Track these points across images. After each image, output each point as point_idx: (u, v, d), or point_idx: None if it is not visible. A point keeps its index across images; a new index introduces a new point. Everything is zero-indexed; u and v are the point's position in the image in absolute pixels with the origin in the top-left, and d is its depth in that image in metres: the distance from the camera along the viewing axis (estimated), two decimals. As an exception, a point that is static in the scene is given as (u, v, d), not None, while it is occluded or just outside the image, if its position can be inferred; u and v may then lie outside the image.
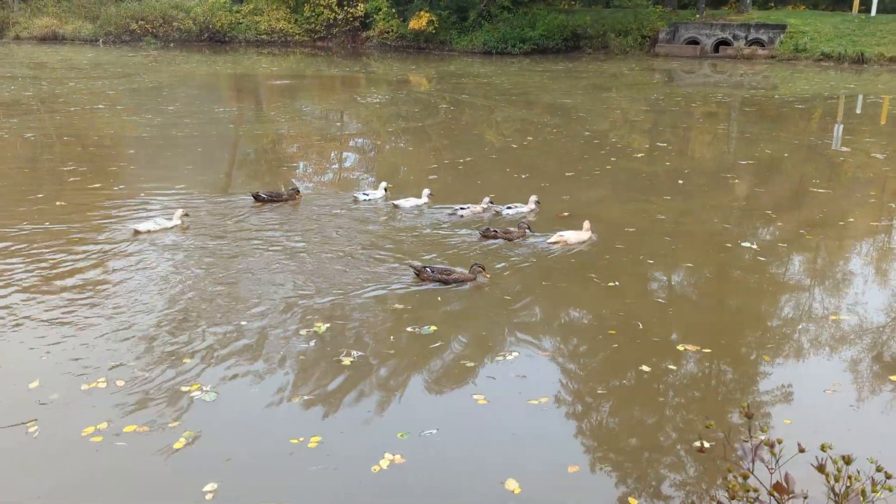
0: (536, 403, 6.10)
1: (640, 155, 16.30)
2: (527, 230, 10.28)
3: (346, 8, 47.83)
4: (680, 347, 7.08)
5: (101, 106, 22.46)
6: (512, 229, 10.30)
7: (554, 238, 10.33)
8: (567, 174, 14.23)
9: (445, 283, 8.44)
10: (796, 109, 23.04)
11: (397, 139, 18.65)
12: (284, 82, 30.12)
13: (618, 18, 42.80)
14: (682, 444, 5.62)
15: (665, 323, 7.68)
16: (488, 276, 8.57)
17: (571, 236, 10.35)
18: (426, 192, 12.11)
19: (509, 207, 11.66)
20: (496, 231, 10.21)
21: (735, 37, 39.22)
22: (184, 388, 6.22)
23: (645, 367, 6.70)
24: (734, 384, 6.56)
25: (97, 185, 13.04)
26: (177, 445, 5.45)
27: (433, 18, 43.49)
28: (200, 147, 16.83)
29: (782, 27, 38.49)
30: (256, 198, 11.93)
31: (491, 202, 12.20)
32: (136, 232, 10.29)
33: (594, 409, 6.17)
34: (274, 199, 11.95)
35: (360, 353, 6.86)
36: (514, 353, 6.95)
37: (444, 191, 12.81)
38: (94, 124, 19.30)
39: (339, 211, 11.67)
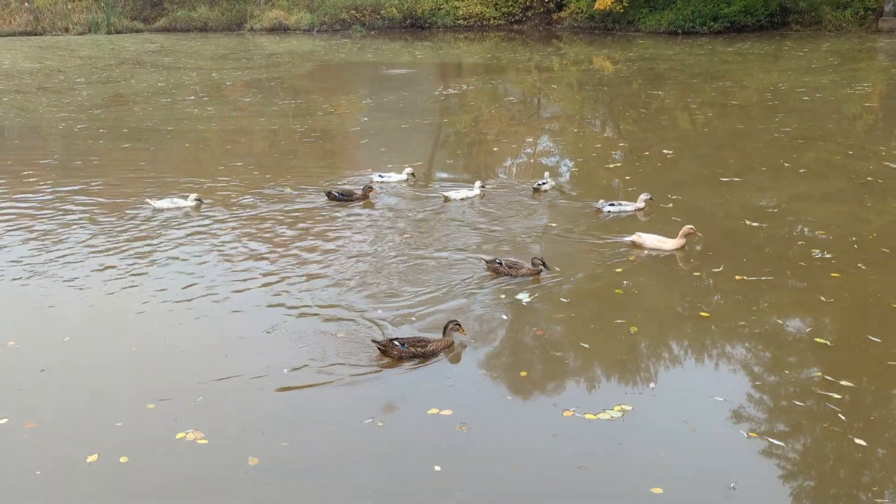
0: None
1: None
2: (541, 266, 8.88)
3: (542, -11, 48.35)
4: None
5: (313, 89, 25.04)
6: (522, 263, 8.95)
7: (631, 237, 9.85)
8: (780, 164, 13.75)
9: (423, 357, 7.18)
10: None
11: (582, 126, 19.17)
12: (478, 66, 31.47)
13: (836, -13, 39.24)
14: None
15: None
16: (465, 333, 7.46)
17: (650, 240, 9.66)
18: (478, 183, 12.31)
19: (612, 204, 11.18)
20: (499, 263, 8.91)
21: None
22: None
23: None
24: None
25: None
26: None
27: (620, -5, 42.34)
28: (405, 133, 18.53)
29: None
30: (329, 196, 12.14)
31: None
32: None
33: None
34: (346, 197, 12.09)
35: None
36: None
37: (636, 181, 13.30)
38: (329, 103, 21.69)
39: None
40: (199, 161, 16.17)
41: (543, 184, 12.61)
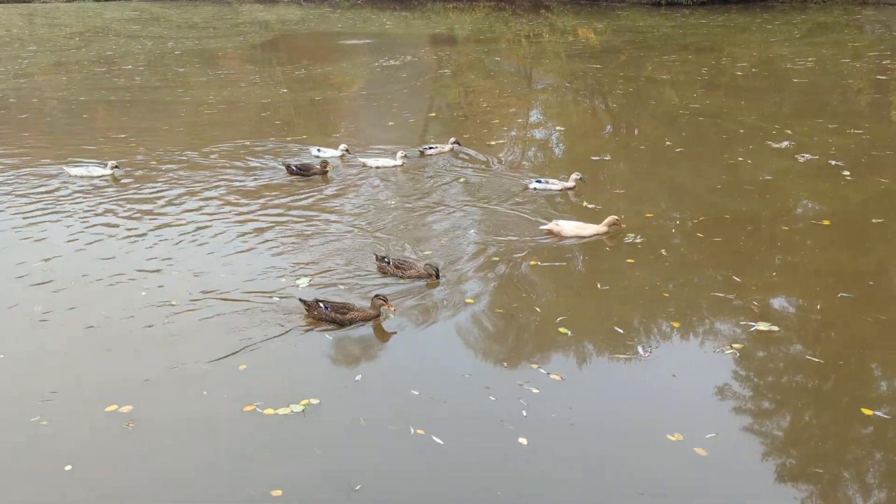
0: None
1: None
2: (434, 273, 8.01)
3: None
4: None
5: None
6: (413, 264, 8.13)
7: (548, 225, 9.30)
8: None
9: (340, 323, 7.13)
10: None
11: (569, 103, 18.44)
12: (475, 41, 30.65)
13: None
14: None
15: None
16: (393, 309, 7.29)
17: (569, 227, 9.12)
18: (400, 153, 12.39)
19: (539, 181, 10.92)
20: (387, 262, 8.20)
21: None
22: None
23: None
24: None
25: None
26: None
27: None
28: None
29: None
30: (288, 169, 12.08)
31: (457, 143, 13.01)
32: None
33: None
34: (304, 171, 11.99)
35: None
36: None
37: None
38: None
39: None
40: (93, 130, 15.82)
41: (430, 148, 13.02)
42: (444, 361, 6.63)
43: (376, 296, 7.25)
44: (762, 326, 6.97)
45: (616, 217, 9.10)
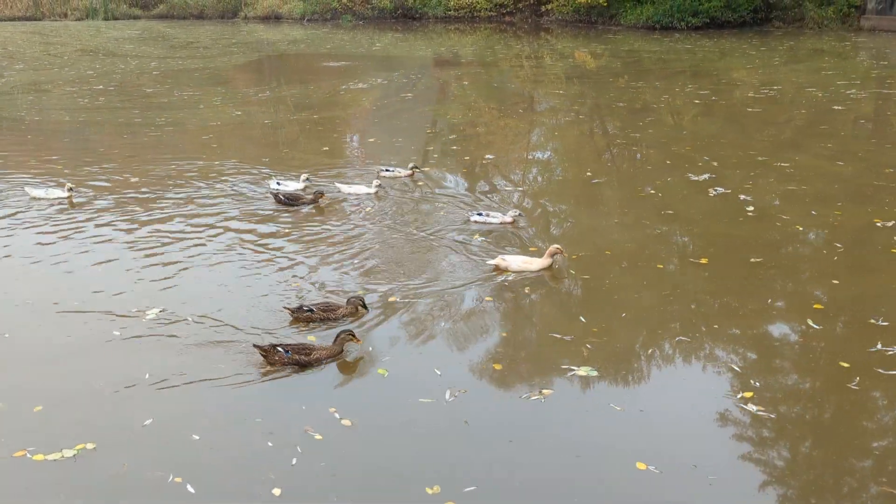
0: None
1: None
2: (360, 305, 7.76)
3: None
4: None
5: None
6: (337, 304, 7.81)
7: (494, 261, 8.96)
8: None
9: (305, 365, 6.87)
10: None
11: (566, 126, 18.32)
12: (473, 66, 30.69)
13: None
14: None
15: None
16: (360, 341, 7.11)
17: (516, 262, 8.79)
18: (375, 182, 12.07)
19: (479, 214, 10.50)
20: (310, 311, 7.66)
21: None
22: None
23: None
24: None
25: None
26: None
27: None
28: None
29: None
30: (276, 199, 11.40)
31: (416, 167, 13.03)
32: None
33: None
34: (292, 202, 11.26)
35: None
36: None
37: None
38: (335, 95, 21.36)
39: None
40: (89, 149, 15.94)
41: (387, 171, 13.03)
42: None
43: (342, 331, 7.00)
44: (582, 371, 6.72)
45: (558, 246, 8.77)
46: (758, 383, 6.55)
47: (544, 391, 6.47)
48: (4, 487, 5.44)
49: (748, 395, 6.36)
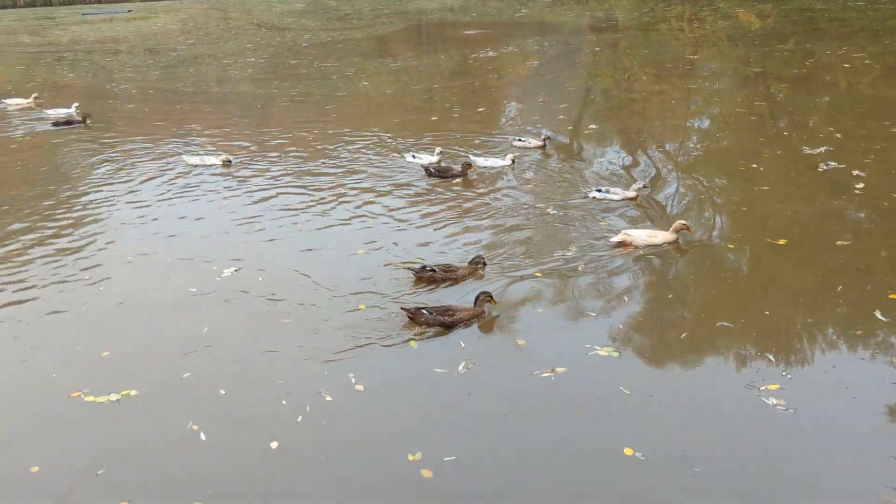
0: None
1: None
2: (481, 263, 8.03)
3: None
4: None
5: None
6: (457, 266, 8.14)
7: (617, 237, 8.71)
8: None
9: (449, 326, 7.08)
10: None
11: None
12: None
13: None
14: None
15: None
16: (497, 303, 7.28)
17: (640, 236, 8.61)
18: (509, 156, 12.03)
19: (599, 190, 10.21)
20: (432, 271, 7.99)
21: None
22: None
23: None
24: None
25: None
26: None
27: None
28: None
29: None
30: (427, 172, 11.71)
31: (549, 137, 12.89)
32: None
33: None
34: (443, 174, 11.56)
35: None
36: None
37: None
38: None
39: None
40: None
41: (519, 140, 12.92)
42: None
43: (481, 292, 7.22)
44: (603, 352, 6.49)
45: (683, 221, 8.63)
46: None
47: (557, 369, 6.35)
48: (50, 422, 6.18)
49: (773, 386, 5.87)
